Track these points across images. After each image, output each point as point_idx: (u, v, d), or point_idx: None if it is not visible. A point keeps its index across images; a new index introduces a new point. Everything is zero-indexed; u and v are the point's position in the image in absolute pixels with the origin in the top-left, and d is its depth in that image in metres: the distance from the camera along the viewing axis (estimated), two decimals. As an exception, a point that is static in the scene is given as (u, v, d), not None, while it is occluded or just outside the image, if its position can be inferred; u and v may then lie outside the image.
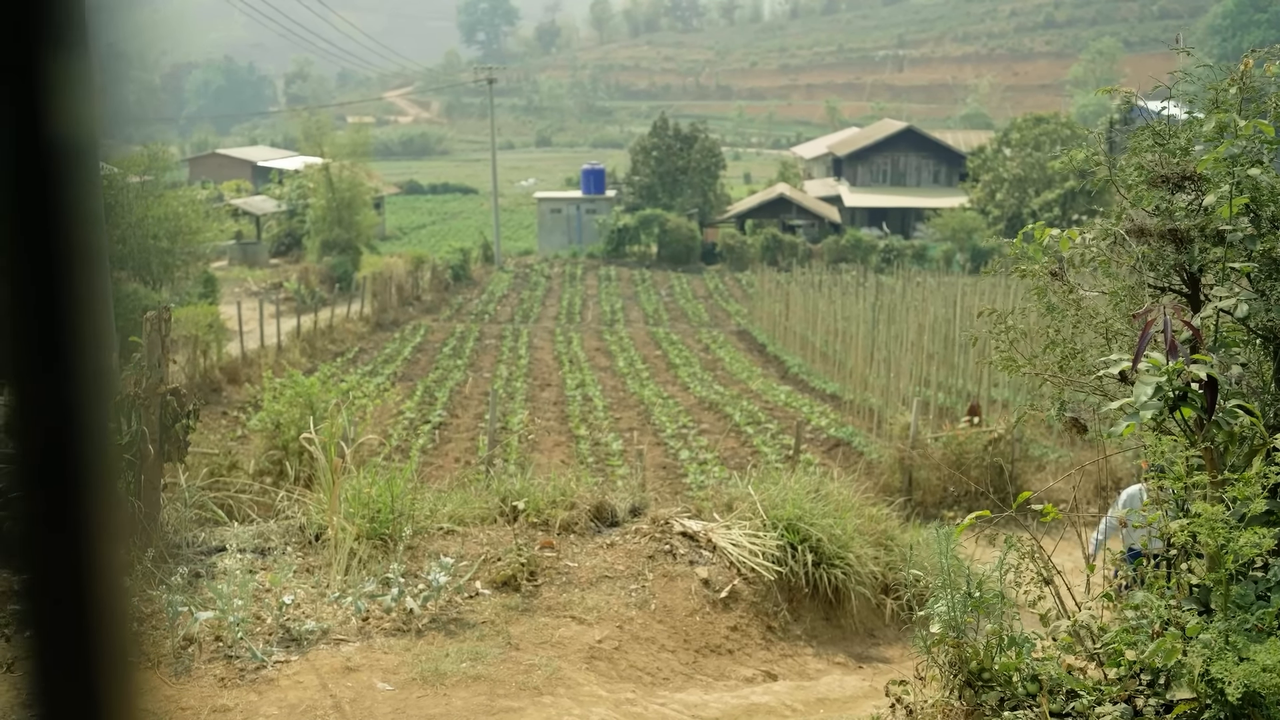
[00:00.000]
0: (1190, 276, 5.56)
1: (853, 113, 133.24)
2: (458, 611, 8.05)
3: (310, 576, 8.39)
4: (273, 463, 12.55)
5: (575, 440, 19.80)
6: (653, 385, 25.85)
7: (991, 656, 4.87)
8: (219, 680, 6.78)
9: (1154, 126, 5.64)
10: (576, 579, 8.90)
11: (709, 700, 7.53)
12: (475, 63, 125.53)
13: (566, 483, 10.52)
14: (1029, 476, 14.75)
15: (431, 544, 9.13)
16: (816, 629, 9.45)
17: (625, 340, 33.41)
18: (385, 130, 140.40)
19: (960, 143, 64.13)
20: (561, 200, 59.16)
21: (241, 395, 22.28)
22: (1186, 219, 5.42)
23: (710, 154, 57.10)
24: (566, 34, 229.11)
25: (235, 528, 9.40)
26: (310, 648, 7.28)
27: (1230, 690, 3.60)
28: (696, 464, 17.50)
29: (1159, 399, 4.43)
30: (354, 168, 43.45)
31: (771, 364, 29.89)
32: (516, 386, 25.66)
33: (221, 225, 33.80)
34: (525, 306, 41.45)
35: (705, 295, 44.24)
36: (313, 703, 6.55)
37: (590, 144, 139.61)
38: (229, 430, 18.06)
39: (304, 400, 12.96)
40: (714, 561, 9.47)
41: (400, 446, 18.73)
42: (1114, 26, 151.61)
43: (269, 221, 48.28)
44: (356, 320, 34.58)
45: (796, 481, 10.69)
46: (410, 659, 7.23)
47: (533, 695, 6.84)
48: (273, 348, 27.16)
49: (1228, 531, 4.01)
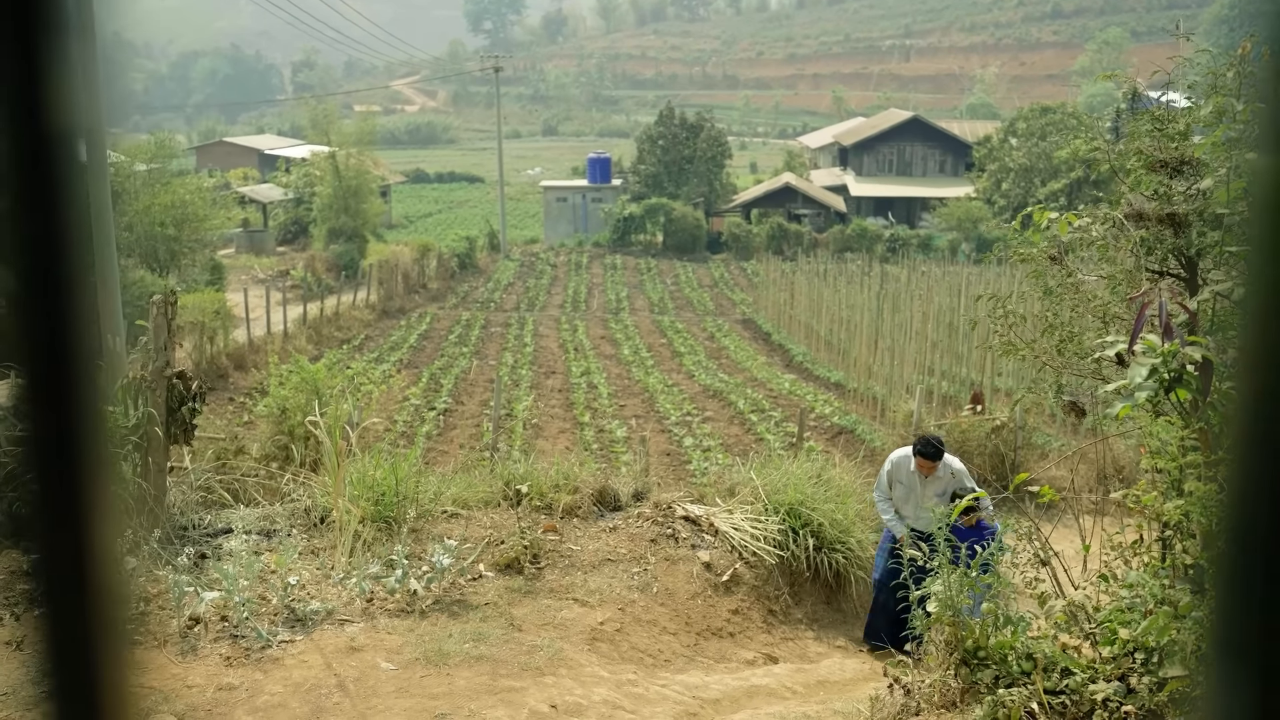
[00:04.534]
0: (1188, 260, 5.59)
1: (859, 102, 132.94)
2: (461, 593, 8.11)
3: (315, 558, 8.46)
4: (278, 448, 12.61)
5: (580, 427, 19.86)
6: (657, 373, 25.89)
7: (987, 636, 4.93)
8: (225, 659, 6.85)
9: (1153, 112, 5.67)
10: (579, 562, 8.96)
11: (710, 682, 7.60)
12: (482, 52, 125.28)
13: (570, 467, 10.59)
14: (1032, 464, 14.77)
15: (435, 527, 9.20)
16: (817, 612, 9.51)
17: (630, 328, 33.44)
18: (392, 119, 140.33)
19: (966, 133, 63.99)
20: (567, 189, 59.15)
21: (248, 382, 22.36)
22: (1185, 203, 5.46)
23: (716, 143, 57.00)
24: (573, 23, 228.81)
25: (241, 510, 9.48)
26: (315, 628, 7.35)
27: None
28: (700, 451, 17.55)
29: (1154, 381, 4.47)
30: (360, 156, 43.46)
31: (776, 352, 29.91)
32: (522, 374, 25.72)
33: (228, 213, 33.83)
34: (531, 295, 41.49)
35: (710, 284, 44.23)
36: (317, 681, 6.62)
37: (596, 133, 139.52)
38: (235, 416, 18.13)
39: (310, 386, 13.01)
40: (716, 545, 9.53)
41: (405, 432, 18.80)
42: (1121, 16, 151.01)
43: (276, 209, 48.37)
44: (363, 308, 34.65)
45: (799, 467, 10.74)
46: (414, 639, 7.30)
47: (535, 675, 6.90)
48: (279, 335, 27.24)
49: (1220, 511, 4.05)
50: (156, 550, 8.07)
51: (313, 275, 36.28)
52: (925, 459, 8.64)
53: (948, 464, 8.72)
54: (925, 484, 8.70)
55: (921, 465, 8.68)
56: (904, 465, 8.82)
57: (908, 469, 8.78)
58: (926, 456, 8.64)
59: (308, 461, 11.31)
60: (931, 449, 8.66)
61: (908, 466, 8.78)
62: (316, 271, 37.43)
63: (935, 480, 8.70)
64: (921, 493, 8.69)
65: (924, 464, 8.66)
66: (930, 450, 8.66)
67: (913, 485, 8.78)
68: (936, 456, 8.63)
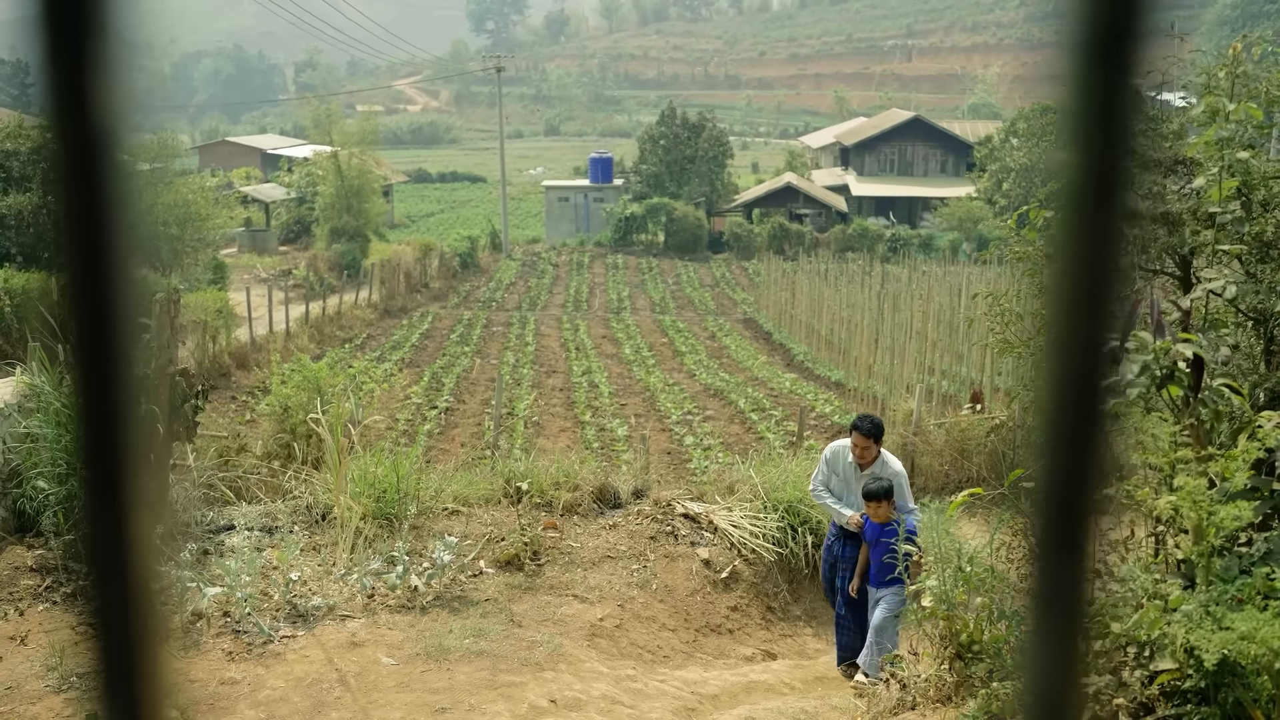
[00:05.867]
0: (1182, 259, 5.64)
1: (861, 102, 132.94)
2: (461, 589, 8.17)
3: (317, 555, 8.52)
4: (281, 446, 12.66)
5: (581, 426, 19.90)
6: (658, 372, 25.94)
7: (981, 630, 4.98)
8: (227, 654, 6.91)
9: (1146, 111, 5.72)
10: (579, 559, 9.01)
11: (708, 678, 7.65)
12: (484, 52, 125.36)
13: (570, 465, 10.65)
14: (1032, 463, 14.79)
15: (436, 524, 9.26)
16: (816, 609, 9.55)
17: (632, 328, 33.48)
18: (394, 119, 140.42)
19: (968, 132, 63.97)
20: (569, 189, 59.17)
21: (250, 380, 22.41)
22: (1178, 202, 5.50)
23: (718, 143, 57.02)
24: (575, 23, 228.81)
25: (243, 507, 9.54)
26: (316, 623, 7.40)
27: (1206, 658, 3.69)
28: (700, 449, 17.59)
29: (1146, 377, 4.51)
30: (363, 156, 43.50)
31: (777, 352, 29.95)
32: (523, 373, 25.77)
33: (231, 212, 33.86)
34: (533, 294, 41.53)
35: (712, 284, 44.26)
36: (318, 676, 6.67)
37: (598, 133, 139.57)
38: (238, 415, 18.18)
39: (312, 385, 13.06)
40: (715, 543, 9.58)
41: (407, 430, 18.85)
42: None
43: (278, 209, 48.40)
44: (365, 307, 34.69)
45: (798, 465, 10.80)
46: (414, 635, 7.35)
47: (535, 671, 6.95)
48: (281, 334, 27.29)
49: (1209, 505, 4.10)
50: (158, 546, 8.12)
51: (315, 274, 36.32)
52: (859, 433, 7.83)
53: (888, 463, 7.92)
54: (861, 478, 7.89)
55: (856, 445, 7.88)
56: (842, 456, 8.06)
57: (845, 459, 8.03)
58: (860, 431, 7.84)
59: (310, 459, 11.37)
60: (867, 423, 7.92)
61: (845, 457, 8.02)
62: (319, 271, 37.48)
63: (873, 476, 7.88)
64: (854, 487, 7.96)
65: (859, 442, 7.85)
66: (865, 425, 7.90)
67: (849, 478, 8.02)
68: (871, 433, 7.83)
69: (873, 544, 7.66)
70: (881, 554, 7.43)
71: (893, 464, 7.93)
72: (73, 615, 7.37)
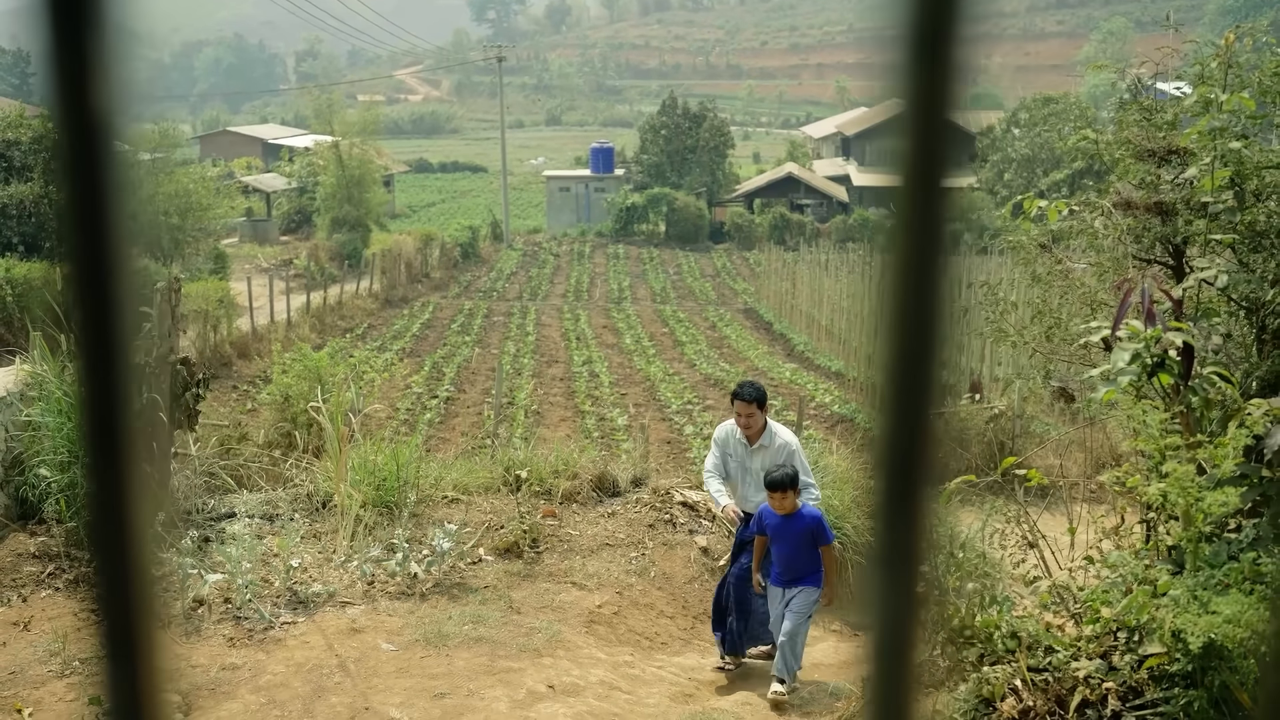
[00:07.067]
0: (1175, 248, 5.68)
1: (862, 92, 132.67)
2: (461, 577, 8.23)
3: (317, 542, 8.57)
4: (282, 434, 12.74)
5: (581, 415, 19.95)
6: (659, 362, 25.98)
7: (973, 614, 5.02)
8: (228, 640, 6.97)
9: (1141, 102, 5.76)
10: (578, 546, 9.07)
11: (705, 664, 7.71)
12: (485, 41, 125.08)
13: (570, 454, 10.70)
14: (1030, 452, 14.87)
15: (436, 512, 9.32)
16: (813, 597, 9.60)
17: (632, 318, 33.52)
18: (395, 108, 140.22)
19: (970, 123, 63.71)
20: (570, 179, 59.13)
21: (251, 370, 22.47)
22: (1172, 192, 5.55)
23: (719, 133, 56.95)
24: (577, 12, 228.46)
25: (244, 495, 9.60)
26: (317, 610, 7.46)
27: (1192, 641, 3.75)
28: (700, 439, 17.64)
29: (1137, 365, 4.56)
30: (364, 146, 43.49)
31: (778, 342, 30.00)
32: (524, 363, 25.82)
33: (232, 202, 33.93)
34: (533, 284, 41.56)
35: (713, 274, 44.27)
36: (319, 662, 6.73)
37: (600, 123, 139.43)
38: (239, 404, 18.25)
39: (313, 374, 13.13)
40: (713, 531, 9.63)
41: (408, 419, 18.91)
42: (1126, 6, 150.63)
43: (279, 199, 48.40)
44: (366, 297, 34.74)
45: (796, 454, 10.83)
46: (414, 621, 7.41)
47: (533, 657, 7.02)
48: (282, 323, 27.34)
49: (1198, 491, 4.15)
50: (160, 533, 8.19)
51: (316, 264, 36.35)
52: (741, 400, 7.37)
53: (777, 434, 7.41)
54: (752, 455, 7.43)
55: (740, 414, 7.39)
56: (731, 434, 7.56)
57: (735, 436, 7.52)
58: (741, 398, 7.38)
59: (310, 448, 11.43)
60: (749, 389, 7.45)
61: (735, 434, 7.52)
62: (320, 261, 37.50)
63: (762, 451, 7.40)
64: (750, 466, 7.47)
65: (742, 410, 7.36)
66: (747, 390, 7.43)
67: (742, 458, 7.52)
68: (754, 398, 7.35)
69: (776, 538, 7.00)
70: (788, 550, 6.92)
71: (782, 434, 7.45)
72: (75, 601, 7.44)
